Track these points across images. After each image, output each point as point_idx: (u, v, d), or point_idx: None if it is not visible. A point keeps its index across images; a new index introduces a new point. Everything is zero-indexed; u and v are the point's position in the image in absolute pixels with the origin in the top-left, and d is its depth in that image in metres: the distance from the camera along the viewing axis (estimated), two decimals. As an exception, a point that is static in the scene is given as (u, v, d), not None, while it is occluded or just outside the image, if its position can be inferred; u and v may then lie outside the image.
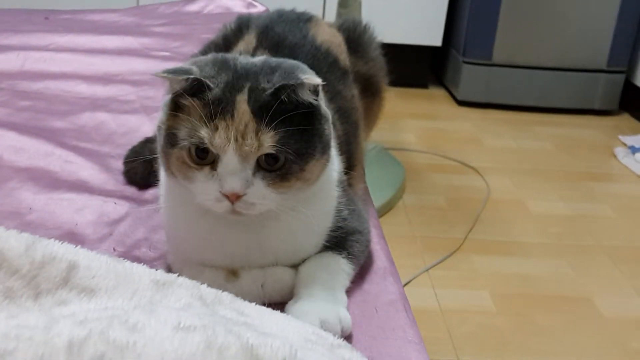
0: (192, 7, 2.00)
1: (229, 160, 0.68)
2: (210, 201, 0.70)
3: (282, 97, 0.68)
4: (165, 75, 0.69)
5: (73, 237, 0.90)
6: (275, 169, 0.69)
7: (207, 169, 0.69)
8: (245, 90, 0.69)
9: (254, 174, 0.69)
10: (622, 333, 1.67)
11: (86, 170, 1.07)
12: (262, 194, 0.69)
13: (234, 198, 0.69)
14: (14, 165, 1.06)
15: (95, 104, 1.32)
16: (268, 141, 0.68)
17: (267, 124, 0.68)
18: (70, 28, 1.71)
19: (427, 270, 1.87)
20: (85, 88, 1.39)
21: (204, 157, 0.69)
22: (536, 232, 2.11)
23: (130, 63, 1.52)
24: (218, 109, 0.68)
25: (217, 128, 0.68)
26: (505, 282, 1.84)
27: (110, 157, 1.13)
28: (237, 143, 0.67)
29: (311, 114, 0.71)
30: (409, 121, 2.93)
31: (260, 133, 0.68)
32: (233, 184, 0.68)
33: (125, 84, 1.43)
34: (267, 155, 0.69)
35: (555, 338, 1.64)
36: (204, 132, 0.68)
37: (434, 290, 1.79)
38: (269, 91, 0.69)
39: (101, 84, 1.41)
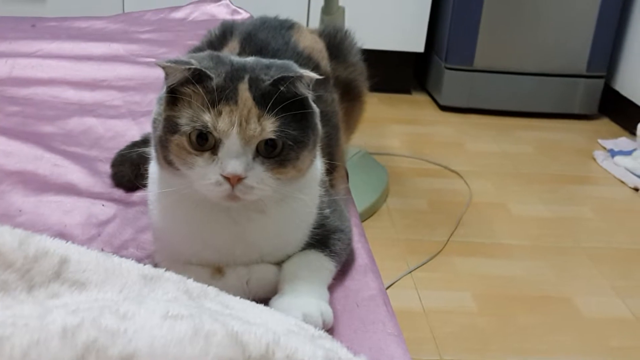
0: (178, 14, 2.02)
1: (232, 144, 0.71)
2: (209, 186, 0.72)
3: (282, 88, 0.72)
4: (167, 64, 0.72)
5: (62, 238, 0.89)
6: (273, 155, 0.73)
7: (207, 154, 0.72)
8: (246, 80, 0.73)
9: (253, 159, 0.72)
10: (601, 332, 1.71)
11: (74, 174, 1.09)
12: (260, 178, 0.72)
13: (235, 181, 0.71)
14: (3, 168, 1.07)
15: (83, 109, 1.34)
16: (270, 127, 0.71)
17: (268, 111, 0.71)
18: (57, 35, 1.72)
19: (410, 272, 1.89)
20: (73, 93, 1.41)
21: (203, 144, 0.72)
22: (517, 234, 2.15)
23: (117, 69, 1.54)
24: (222, 96, 0.71)
25: (220, 113, 0.71)
26: (487, 283, 1.87)
27: (98, 160, 1.15)
28: (241, 127, 0.70)
29: (305, 107, 0.75)
30: (392, 126, 2.97)
31: (262, 119, 0.71)
32: (236, 167, 0.71)
33: (112, 89, 1.45)
34: (266, 142, 0.72)
35: (536, 337, 1.67)
36: (207, 117, 0.71)
37: (417, 291, 1.81)
38: (269, 81, 0.72)
39: (88, 90, 1.43)
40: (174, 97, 0.74)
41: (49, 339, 0.49)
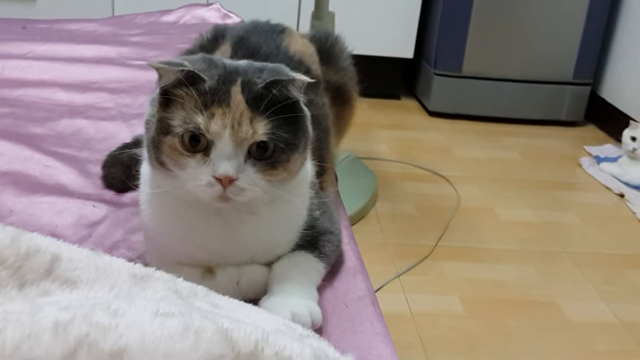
0: (169, 18, 2.02)
1: (224, 146, 0.71)
2: (201, 187, 0.73)
3: (274, 91, 0.73)
4: (160, 65, 0.73)
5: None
6: (265, 157, 0.73)
7: (199, 155, 0.72)
8: (239, 83, 0.73)
9: (245, 160, 0.73)
10: (587, 336, 1.72)
11: (65, 175, 1.09)
12: (252, 180, 0.73)
13: (226, 182, 0.72)
14: (-7, 169, 1.08)
15: (74, 111, 1.34)
16: (261, 129, 0.72)
17: (260, 113, 0.72)
18: (48, 37, 1.72)
19: (398, 276, 1.90)
20: (64, 95, 1.41)
21: (196, 145, 0.72)
22: (504, 238, 2.17)
23: (108, 71, 1.54)
24: (214, 98, 0.72)
25: (213, 115, 0.71)
26: (474, 287, 1.89)
27: (89, 162, 1.15)
28: (233, 129, 0.71)
29: (296, 110, 0.76)
30: (381, 131, 2.99)
31: (254, 121, 0.72)
32: (227, 168, 0.71)
33: (102, 91, 1.45)
34: (258, 144, 0.73)
35: (522, 341, 1.68)
36: (200, 119, 0.71)
37: (405, 295, 1.83)
38: (262, 84, 0.73)
39: (79, 92, 1.43)
40: (166, 98, 0.75)
41: (40, 333, 0.49)
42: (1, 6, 2.81)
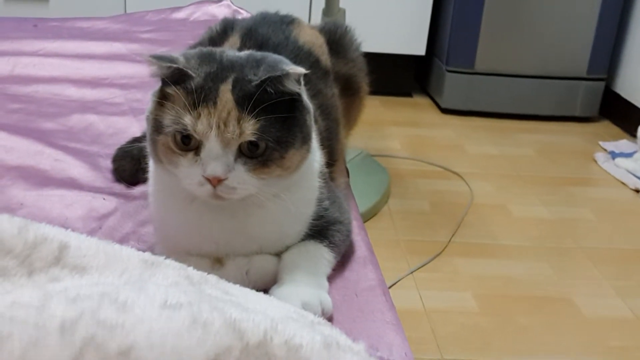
0: (179, 15, 2.03)
1: (211, 146, 0.71)
2: (193, 185, 0.73)
3: (268, 88, 0.71)
4: (150, 59, 0.72)
5: (63, 231, 0.92)
6: (256, 155, 0.72)
7: (191, 154, 0.72)
8: (230, 80, 0.72)
9: (235, 159, 0.72)
10: (601, 332, 1.70)
11: (75, 169, 1.09)
12: (242, 179, 0.72)
13: (215, 182, 0.71)
14: (4, 163, 1.08)
15: (84, 107, 1.35)
16: (249, 129, 0.71)
17: (249, 112, 0.71)
18: (59, 34, 1.73)
19: (411, 272, 1.89)
20: (74, 91, 1.41)
21: (188, 144, 0.72)
22: (518, 235, 2.15)
23: (118, 67, 1.54)
24: (201, 97, 0.71)
25: (199, 115, 0.70)
26: (487, 284, 1.87)
27: (99, 156, 1.15)
28: (219, 130, 0.70)
29: (293, 105, 0.75)
30: (393, 128, 2.97)
31: (242, 121, 0.70)
32: (215, 169, 0.71)
33: (113, 87, 1.45)
34: (248, 142, 0.71)
35: (536, 337, 1.67)
36: (187, 119, 0.71)
37: (418, 291, 1.81)
38: (255, 82, 0.72)
39: (90, 88, 1.44)
40: (162, 95, 0.74)
41: (47, 337, 0.49)
42: (14, 6, 2.83)
